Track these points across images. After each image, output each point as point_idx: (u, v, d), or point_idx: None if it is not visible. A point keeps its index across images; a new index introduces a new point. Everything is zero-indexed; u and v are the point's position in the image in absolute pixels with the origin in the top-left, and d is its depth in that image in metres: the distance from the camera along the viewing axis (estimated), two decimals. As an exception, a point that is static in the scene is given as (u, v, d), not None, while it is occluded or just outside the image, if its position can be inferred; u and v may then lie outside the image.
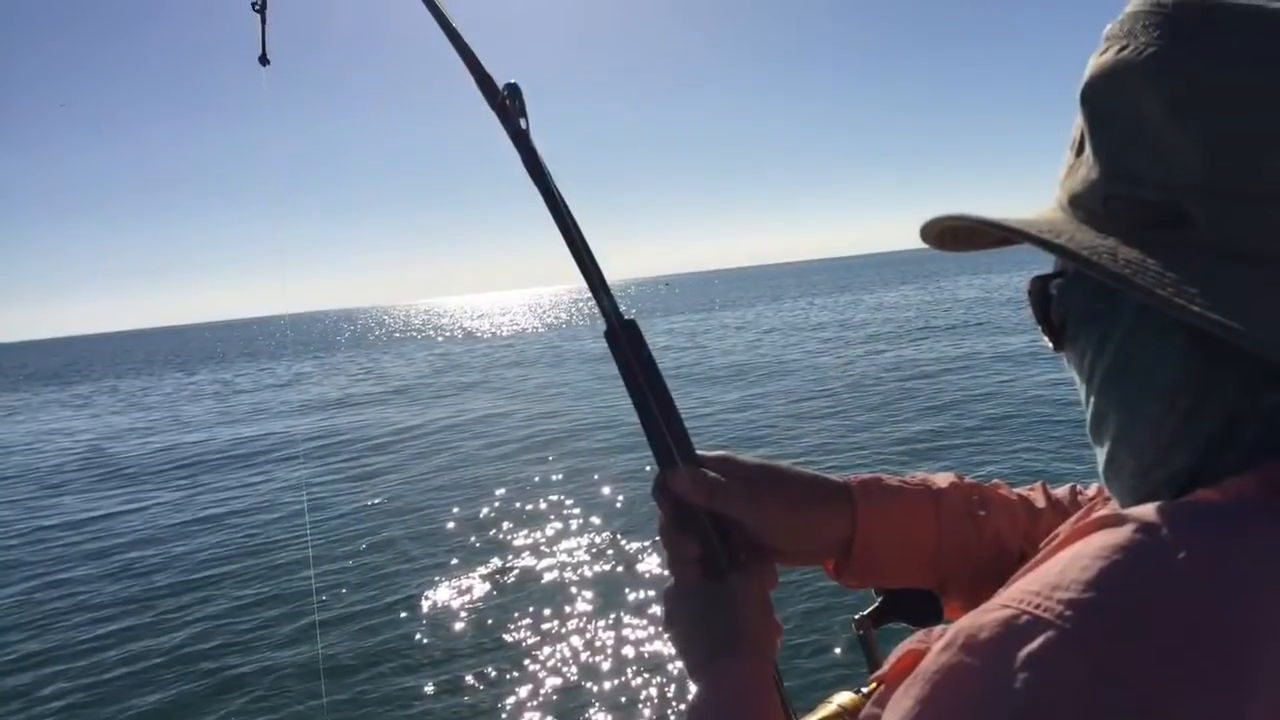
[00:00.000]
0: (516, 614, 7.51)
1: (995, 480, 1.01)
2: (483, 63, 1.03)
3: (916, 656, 0.74)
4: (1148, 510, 0.52)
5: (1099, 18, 0.64)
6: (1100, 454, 0.68)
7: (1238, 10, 0.55)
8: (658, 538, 0.92)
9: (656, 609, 7.15)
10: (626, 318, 0.92)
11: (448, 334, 62.11)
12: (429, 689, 6.38)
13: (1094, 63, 0.62)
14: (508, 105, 0.99)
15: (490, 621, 7.44)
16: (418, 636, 7.25)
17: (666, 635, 0.90)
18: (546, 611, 7.50)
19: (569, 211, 0.96)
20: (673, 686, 6.09)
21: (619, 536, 9.22)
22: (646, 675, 6.30)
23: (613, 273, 0.93)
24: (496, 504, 11.02)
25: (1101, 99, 0.61)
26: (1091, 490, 0.98)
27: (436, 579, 8.49)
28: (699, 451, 0.91)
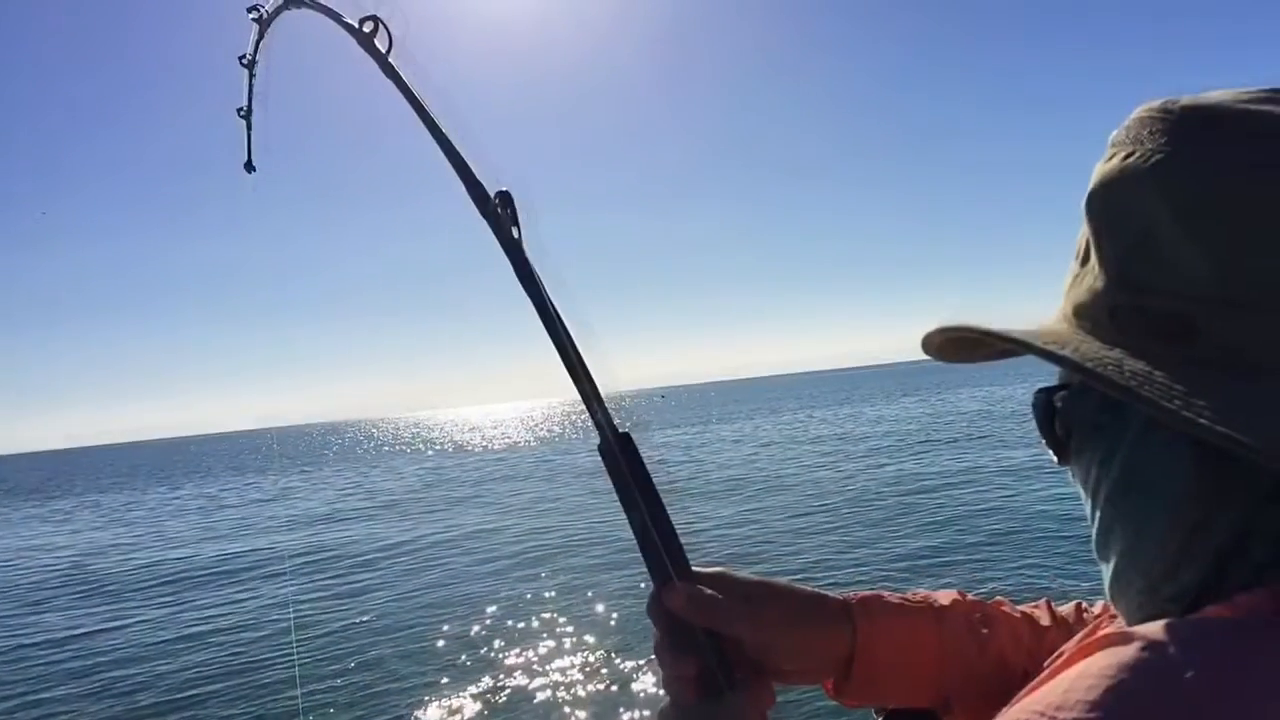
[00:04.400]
0: (507, 738, 7.25)
1: (998, 597, 0.99)
2: (473, 169, 1.00)
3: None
4: (1155, 628, 0.51)
5: (1109, 123, 0.64)
6: (1106, 570, 0.66)
7: (1246, 116, 0.56)
8: (653, 656, 0.90)
9: (652, 733, 6.91)
10: (621, 430, 0.91)
11: (438, 447, 61.67)
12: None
13: (1100, 170, 0.62)
14: (499, 213, 0.97)
15: (479, 746, 7.18)
16: (404, 762, 6.98)
17: (662, 757, 0.86)
18: (538, 735, 7.25)
19: (563, 322, 0.94)
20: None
21: (613, 654, 9.00)
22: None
23: (606, 384, 0.92)
24: (488, 621, 10.77)
25: (1108, 207, 0.61)
26: (1098, 608, 0.96)
27: (426, 699, 8.25)
28: (695, 568, 0.89)
